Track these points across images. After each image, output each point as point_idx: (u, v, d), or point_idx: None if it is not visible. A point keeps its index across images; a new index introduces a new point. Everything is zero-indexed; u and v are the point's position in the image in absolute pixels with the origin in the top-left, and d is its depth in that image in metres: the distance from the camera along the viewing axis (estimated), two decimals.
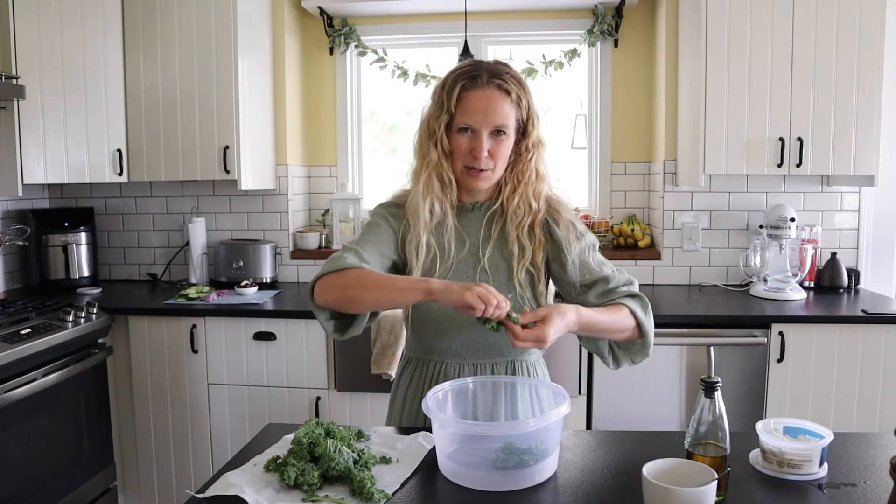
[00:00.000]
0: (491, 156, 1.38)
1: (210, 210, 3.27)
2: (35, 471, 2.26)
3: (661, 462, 1.04)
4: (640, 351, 1.41)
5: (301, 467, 1.13)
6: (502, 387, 1.37)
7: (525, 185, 1.42)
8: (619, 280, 1.43)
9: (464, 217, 1.47)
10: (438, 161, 1.40)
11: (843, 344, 2.46)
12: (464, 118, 1.37)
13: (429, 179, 1.41)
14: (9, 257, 3.03)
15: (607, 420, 2.57)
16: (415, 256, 1.42)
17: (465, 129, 1.37)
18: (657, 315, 2.54)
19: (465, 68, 1.39)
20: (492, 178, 1.42)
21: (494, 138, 1.37)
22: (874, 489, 1.12)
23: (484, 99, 1.36)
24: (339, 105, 3.38)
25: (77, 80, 2.77)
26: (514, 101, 1.38)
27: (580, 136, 3.34)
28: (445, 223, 1.44)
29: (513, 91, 1.37)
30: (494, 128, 1.36)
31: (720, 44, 2.66)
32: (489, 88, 1.36)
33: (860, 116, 2.63)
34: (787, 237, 2.77)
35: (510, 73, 1.39)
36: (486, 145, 1.36)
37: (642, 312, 1.37)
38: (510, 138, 1.39)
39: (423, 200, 1.41)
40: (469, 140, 1.38)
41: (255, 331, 2.65)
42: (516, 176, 1.43)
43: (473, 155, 1.37)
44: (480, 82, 1.36)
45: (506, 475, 1.12)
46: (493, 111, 1.36)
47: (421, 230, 1.41)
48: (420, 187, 1.41)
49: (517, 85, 1.38)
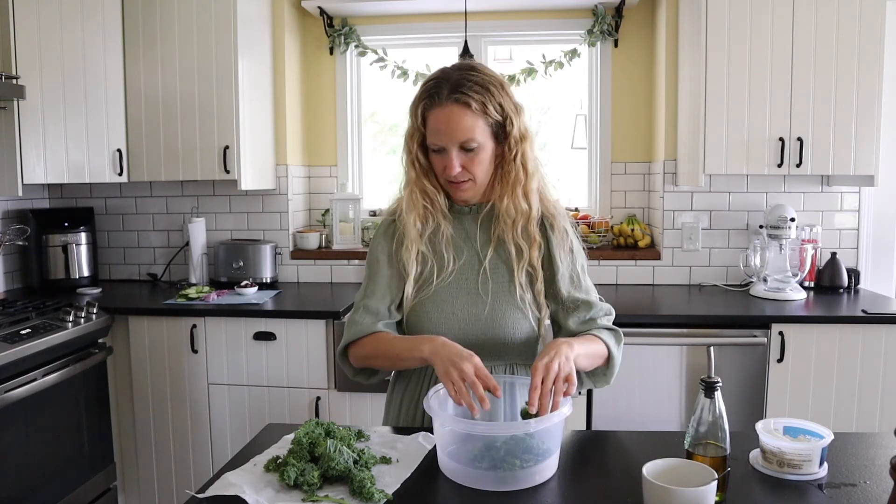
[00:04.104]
0: (466, 169, 1.37)
1: (210, 210, 3.27)
2: (35, 471, 2.26)
3: (661, 462, 1.04)
4: (602, 379, 1.43)
5: (301, 467, 1.13)
6: (503, 386, 1.37)
7: (512, 185, 1.39)
8: (601, 309, 1.44)
9: (462, 220, 1.47)
10: (417, 178, 1.42)
11: (843, 344, 2.46)
12: (431, 138, 1.37)
13: (412, 194, 1.43)
14: (9, 257, 3.03)
15: (607, 420, 2.57)
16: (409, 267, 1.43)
17: (435, 148, 1.37)
18: (658, 315, 2.58)
19: (429, 83, 1.36)
20: (476, 187, 1.41)
21: (466, 152, 1.35)
22: (874, 489, 1.12)
23: (443, 118, 1.33)
24: (339, 105, 3.38)
25: (77, 80, 2.77)
26: (479, 111, 1.33)
27: (580, 136, 3.34)
28: (440, 232, 1.44)
29: (473, 101, 1.32)
30: (462, 143, 1.34)
31: (720, 44, 2.66)
32: (448, 105, 1.32)
33: (860, 116, 2.63)
34: (787, 237, 2.77)
35: (472, 79, 1.33)
36: (456, 162, 1.35)
37: (615, 347, 1.39)
38: (484, 147, 1.36)
39: (408, 214, 1.43)
40: (442, 158, 1.37)
41: (255, 331, 2.65)
42: (504, 176, 1.40)
43: (447, 172, 1.37)
44: (440, 100, 1.33)
45: (506, 475, 1.12)
46: (455, 129, 1.33)
47: (410, 243, 1.42)
48: (405, 202, 1.44)
49: (480, 92, 1.33)
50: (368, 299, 1.45)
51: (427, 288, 1.43)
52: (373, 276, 1.47)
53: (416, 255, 1.43)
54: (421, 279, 1.44)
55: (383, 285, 1.45)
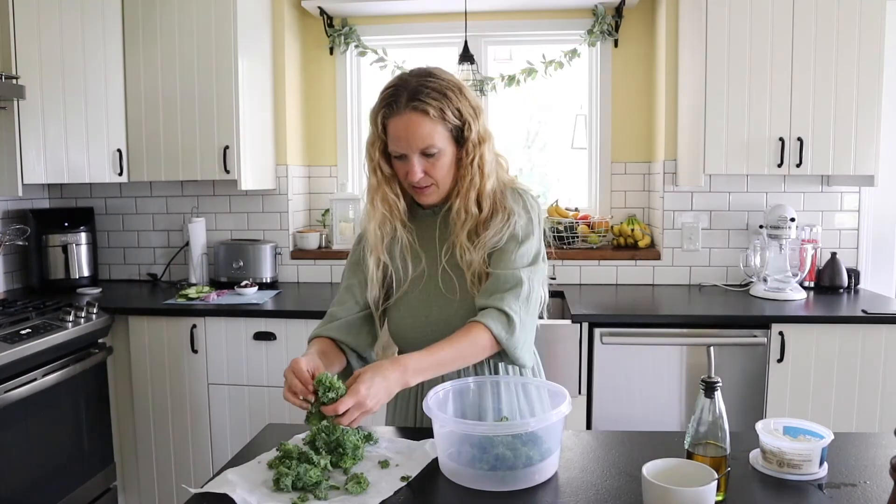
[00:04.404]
0: (428, 174, 1.37)
1: (210, 210, 3.27)
2: (35, 471, 2.26)
3: (661, 462, 1.04)
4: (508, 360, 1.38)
5: (296, 471, 1.13)
6: (502, 386, 1.37)
7: (467, 188, 1.38)
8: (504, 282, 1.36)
9: (424, 222, 1.48)
10: (377, 185, 1.43)
11: (843, 344, 2.46)
12: (392, 145, 1.37)
13: (371, 202, 1.44)
14: (9, 257, 3.03)
15: (607, 420, 2.56)
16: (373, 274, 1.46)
17: (397, 155, 1.38)
18: (658, 315, 2.57)
19: (388, 91, 1.36)
20: (439, 191, 1.41)
21: (427, 157, 1.36)
22: (874, 489, 1.12)
23: (402, 126, 1.33)
24: (339, 105, 3.38)
25: (77, 80, 2.77)
26: (437, 117, 1.33)
27: (580, 136, 3.34)
28: (397, 239, 1.45)
29: (431, 108, 1.32)
30: (420, 151, 1.35)
31: (720, 44, 2.66)
32: (406, 113, 1.32)
33: (860, 116, 2.63)
34: (787, 237, 2.78)
35: (430, 86, 1.33)
36: (418, 167, 1.35)
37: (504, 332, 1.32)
38: (445, 152, 1.36)
39: (368, 222, 1.45)
40: (404, 164, 1.38)
41: (255, 331, 2.65)
42: (459, 180, 1.40)
43: (410, 178, 1.37)
44: (398, 108, 1.33)
45: (506, 475, 1.12)
46: (414, 136, 1.33)
47: (370, 251, 1.45)
48: (366, 209, 1.46)
49: (437, 98, 1.33)
50: (336, 303, 1.52)
51: (393, 295, 1.47)
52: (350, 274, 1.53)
53: (377, 264, 1.46)
54: (384, 287, 1.48)
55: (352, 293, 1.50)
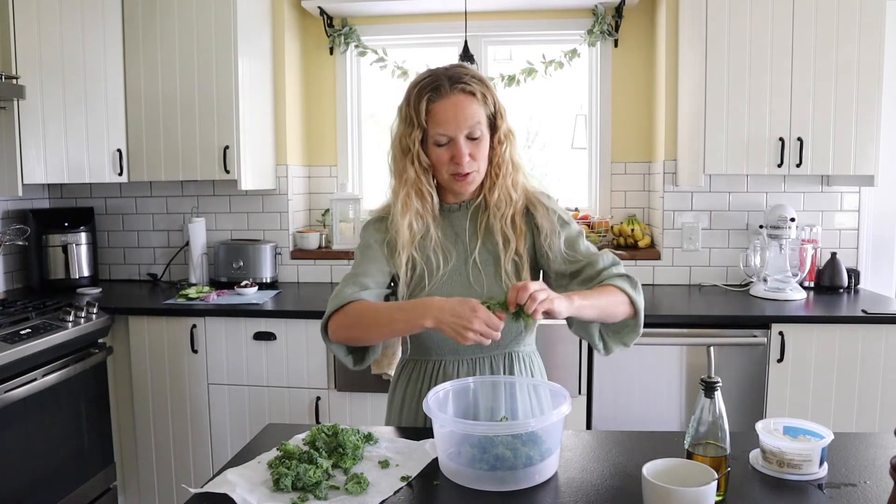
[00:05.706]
0: (472, 158, 1.40)
1: (210, 210, 3.27)
2: (35, 471, 2.26)
3: (661, 462, 1.04)
4: (632, 331, 1.42)
5: (295, 471, 1.13)
6: (502, 386, 1.37)
7: (503, 176, 1.44)
8: (605, 261, 1.44)
9: (450, 218, 1.49)
10: (416, 177, 1.42)
11: (843, 344, 2.46)
12: (437, 130, 1.38)
13: (407, 197, 1.43)
14: (9, 257, 3.03)
15: (607, 420, 2.57)
16: (401, 273, 1.44)
17: (441, 141, 1.39)
18: (657, 315, 2.57)
19: (424, 81, 1.40)
20: (478, 179, 1.44)
21: (471, 141, 1.39)
22: (874, 489, 1.12)
23: (452, 107, 1.37)
24: (339, 105, 3.38)
25: (77, 80, 2.77)
26: (481, 100, 1.39)
27: (580, 136, 3.34)
28: (429, 236, 1.45)
29: (477, 91, 1.38)
30: (469, 131, 1.38)
31: (720, 44, 2.66)
32: (454, 95, 1.37)
33: (860, 117, 2.63)
34: (787, 237, 2.78)
35: (469, 73, 1.40)
36: (465, 150, 1.38)
37: (633, 290, 1.38)
38: (485, 137, 1.41)
39: (402, 218, 1.43)
40: (448, 149, 1.39)
41: (255, 331, 2.65)
42: (494, 169, 1.45)
43: (456, 162, 1.39)
44: (444, 91, 1.37)
45: (506, 475, 1.12)
46: (463, 116, 1.37)
47: (402, 248, 1.43)
48: (399, 205, 1.44)
49: (479, 84, 1.40)
50: (357, 275, 1.44)
51: (419, 292, 1.45)
52: (364, 257, 1.47)
53: (408, 261, 1.44)
54: (412, 283, 1.46)
55: (374, 267, 1.45)
